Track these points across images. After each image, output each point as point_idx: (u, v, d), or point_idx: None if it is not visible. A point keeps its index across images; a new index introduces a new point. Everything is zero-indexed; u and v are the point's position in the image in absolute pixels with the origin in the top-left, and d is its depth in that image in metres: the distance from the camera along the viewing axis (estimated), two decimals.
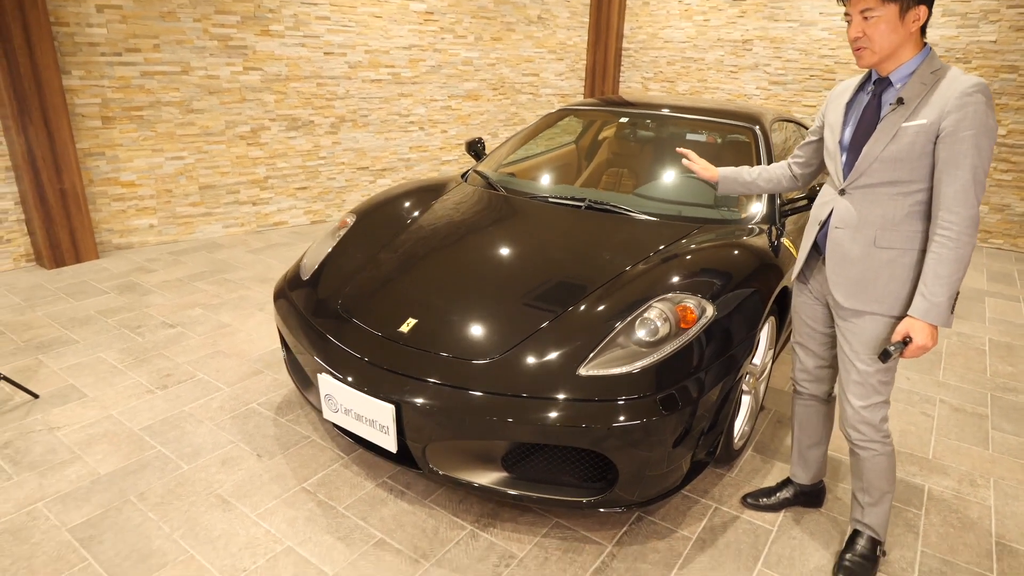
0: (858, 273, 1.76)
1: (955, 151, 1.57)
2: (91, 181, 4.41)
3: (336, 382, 2.06)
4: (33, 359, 3.06)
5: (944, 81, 1.60)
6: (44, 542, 1.98)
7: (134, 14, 4.27)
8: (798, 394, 2.15)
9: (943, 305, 1.63)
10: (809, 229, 1.93)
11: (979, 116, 1.55)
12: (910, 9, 1.59)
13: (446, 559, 1.98)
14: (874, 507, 1.96)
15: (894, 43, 1.63)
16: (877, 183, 1.70)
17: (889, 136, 1.65)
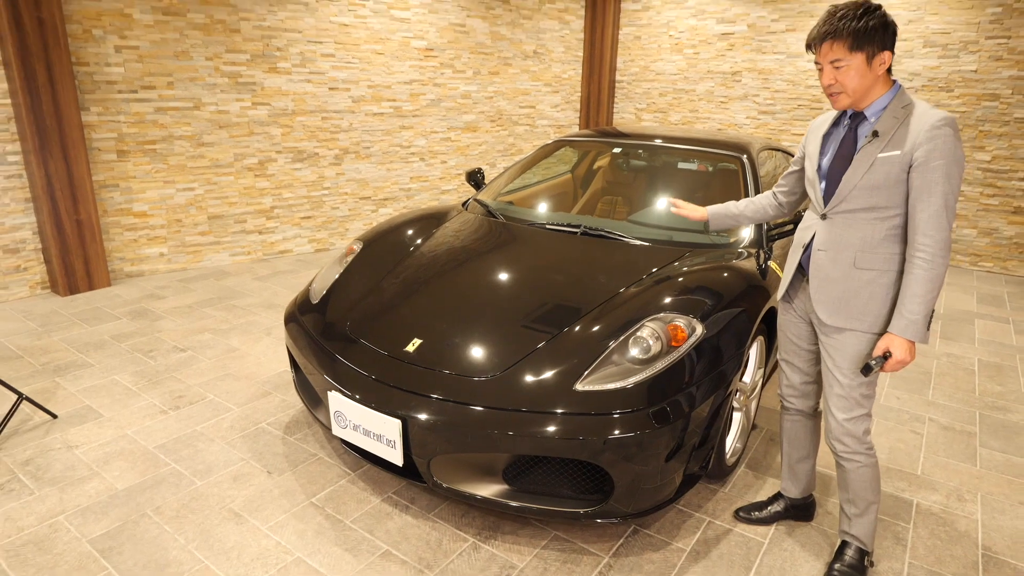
0: (839, 292, 1.88)
1: (927, 180, 1.70)
2: (105, 212, 4.56)
3: (345, 399, 2.17)
4: (51, 381, 3.17)
5: (914, 115, 1.74)
6: (66, 552, 2.07)
7: (150, 54, 4.48)
8: (785, 410, 2.25)
9: (920, 322, 1.75)
10: (793, 251, 2.05)
11: (948, 147, 1.68)
12: (876, 55, 1.73)
13: (449, 570, 2.07)
14: (860, 518, 2.05)
15: (865, 86, 1.77)
16: (856, 209, 1.82)
17: (866, 166, 1.78)
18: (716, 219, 2.35)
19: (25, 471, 2.48)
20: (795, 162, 2.15)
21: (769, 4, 6.39)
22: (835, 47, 1.74)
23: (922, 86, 5.71)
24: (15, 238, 4.23)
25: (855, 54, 1.73)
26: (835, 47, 1.74)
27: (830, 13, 1.75)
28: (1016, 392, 3.45)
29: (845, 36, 1.72)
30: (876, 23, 1.70)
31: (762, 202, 2.29)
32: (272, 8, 4.97)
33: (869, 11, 1.71)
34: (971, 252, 5.80)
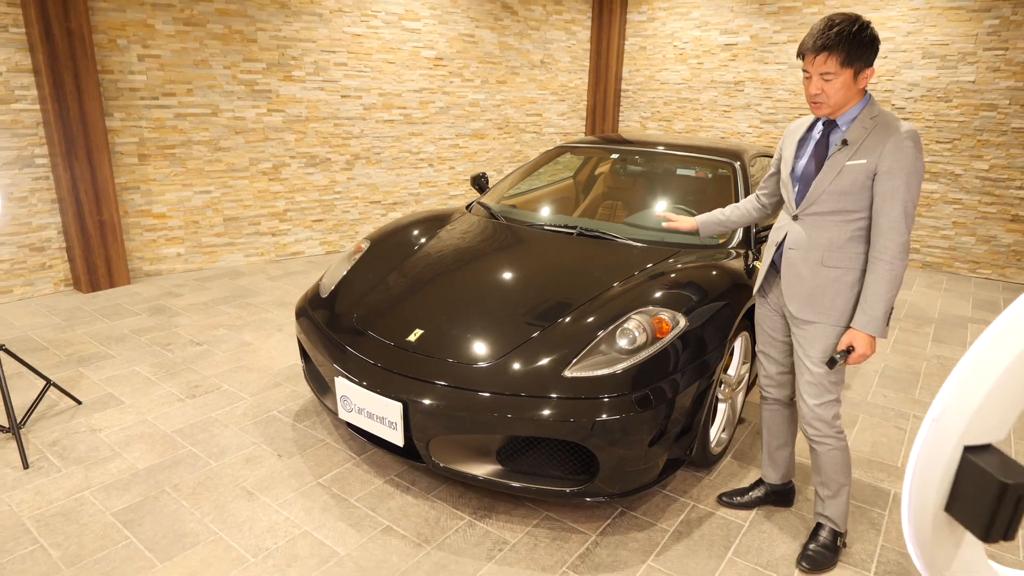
0: (808, 288, 2.01)
1: (890, 188, 1.83)
2: (126, 213, 4.77)
3: (351, 384, 2.32)
4: (75, 371, 3.36)
5: (881, 127, 1.85)
6: (91, 523, 2.23)
7: (171, 62, 4.70)
8: (764, 399, 2.38)
9: (880, 319, 1.89)
10: (768, 249, 2.19)
11: (909, 159, 1.81)
12: (862, 71, 1.84)
13: (446, 544, 2.21)
14: (833, 499, 2.17)
15: (847, 98, 1.88)
16: (825, 211, 1.95)
17: (835, 172, 1.90)
18: (705, 227, 2.46)
19: (52, 451, 2.66)
20: (773, 164, 2.26)
21: (771, 16, 6.54)
22: (828, 60, 1.82)
23: (921, 96, 5.82)
24: (41, 237, 4.44)
25: (845, 69, 1.82)
26: (828, 60, 1.82)
27: (827, 25, 1.81)
28: None
29: (840, 51, 1.79)
30: (868, 40, 1.80)
31: (747, 206, 2.41)
32: (288, 19, 5.18)
33: (863, 28, 1.80)
34: (969, 259, 5.88)
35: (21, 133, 4.22)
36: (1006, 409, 0.55)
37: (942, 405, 0.57)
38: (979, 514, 0.54)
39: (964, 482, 0.55)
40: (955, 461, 0.56)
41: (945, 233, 5.95)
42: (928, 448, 0.58)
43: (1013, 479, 0.52)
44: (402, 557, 2.14)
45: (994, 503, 0.53)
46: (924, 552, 0.63)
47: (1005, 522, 0.54)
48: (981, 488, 0.54)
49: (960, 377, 0.56)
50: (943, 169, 5.85)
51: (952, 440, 0.56)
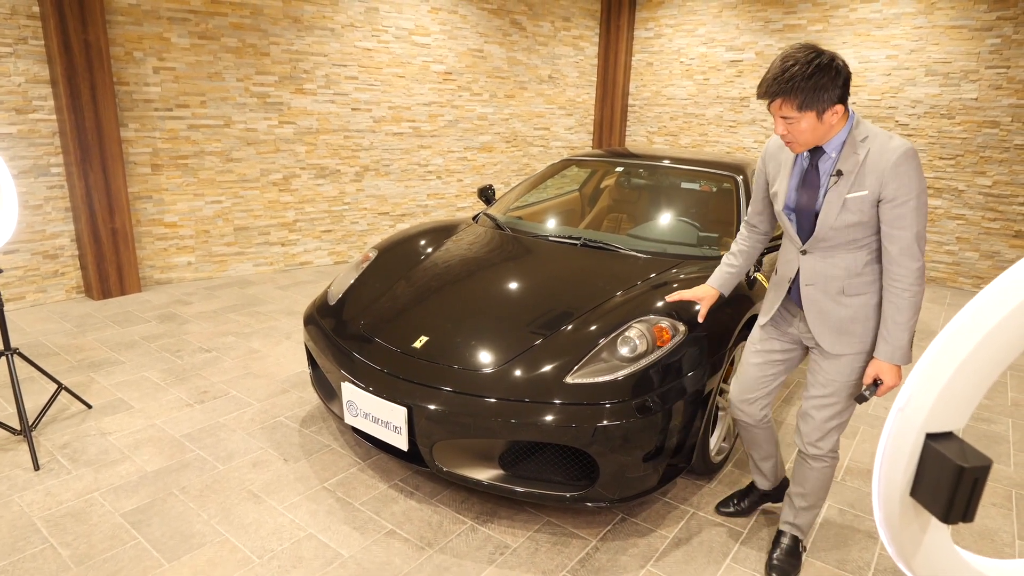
0: (837, 322, 1.91)
1: (897, 215, 1.73)
2: (139, 222, 4.86)
3: (357, 390, 2.37)
4: (86, 376, 3.42)
5: (875, 149, 1.74)
6: (101, 524, 2.28)
7: (185, 75, 4.81)
8: (739, 421, 2.26)
9: (905, 347, 1.81)
10: (779, 285, 2.05)
11: (913, 183, 1.71)
12: (826, 111, 1.71)
13: (448, 547, 2.24)
14: (807, 511, 2.18)
15: (818, 136, 1.77)
16: (836, 244, 1.86)
17: (838, 208, 1.80)
18: (726, 287, 2.27)
19: (63, 453, 2.71)
20: (758, 188, 2.13)
21: (776, 33, 6.62)
22: (784, 106, 1.72)
23: (924, 113, 5.87)
24: (55, 245, 4.53)
25: (805, 112, 1.71)
26: (784, 106, 1.72)
27: (780, 68, 1.69)
28: (1001, 405, 3.56)
29: (795, 96, 1.68)
30: (827, 81, 1.67)
31: (747, 246, 2.24)
32: (300, 33, 5.29)
33: (820, 67, 1.66)
34: (973, 275, 5.89)
35: (37, 143, 4.32)
36: (964, 399, 0.59)
37: (907, 396, 0.61)
38: (940, 497, 0.58)
39: (927, 468, 0.60)
40: (918, 448, 0.60)
41: (949, 248, 5.97)
42: (894, 436, 0.62)
43: (969, 463, 0.57)
44: (405, 560, 2.17)
45: (953, 486, 0.57)
46: (894, 536, 0.67)
47: (963, 504, 0.58)
48: (941, 472, 0.58)
49: (923, 370, 0.60)
50: (946, 185, 5.88)
51: (916, 428, 0.60)
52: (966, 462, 0.57)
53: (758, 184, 2.13)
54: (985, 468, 0.58)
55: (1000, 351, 0.58)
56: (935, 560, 0.66)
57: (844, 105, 1.74)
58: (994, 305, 0.57)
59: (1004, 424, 3.36)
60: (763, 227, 2.20)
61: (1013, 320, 0.56)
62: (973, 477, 0.57)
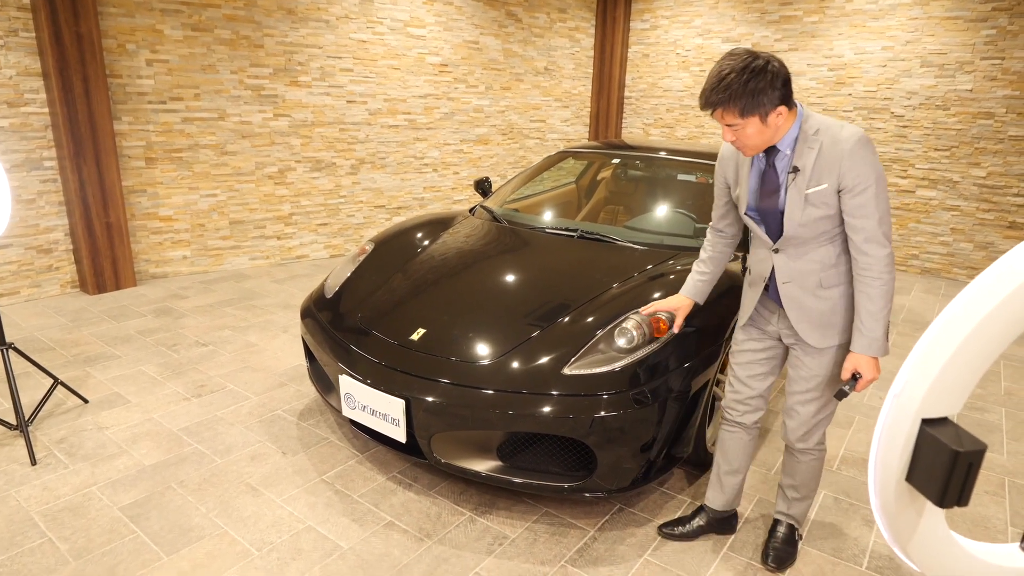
0: (819, 316, 1.91)
1: (858, 203, 1.74)
2: (133, 216, 4.84)
3: (355, 382, 2.37)
4: (82, 371, 3.41)
5: (827, 141, 1.74)
6: (99, 518, 2.28)
7: (179, 67, 4.77)
8: (726, 421, 2.23)
9: (880, 339, 1.80)
10: (754, 284, 2.04)
11: (869, 170, 1.71)
12: (769, 114, 1.71)
13: (447, 539, 2.25)
14: (800, 502, 2.19)
15: (767, 138, 1.76)
16: (806, 239, 1.85)
17: (801, 205, 1.80)
18: (701, 295, 2.25)
19: (60, 448, 2.71)
20: (719, 193, 2.12)
21: (772, 24, 6.60)
22: (726, 115, 1.73)
23: (920, 104, 5.88)
24: (48, 239, 4.51)
25: (748, 118, 1.71)
26: (726, 115, 1.73)
27: (716, 79, 1.70)
28: (996, 395, 3.58)
29: (733, 104, 1.69)
30: (764, 84, 1.67)
31: (717, 252, 2.21)
32: (294, 25, 5.26)
33: (755, 72, 1.67)
34: (968, 265, 5.92)
35: (30, 136, 4.29)
36: (959, 385, 0.60)
37: (902, 382, 0.62)
38: (935, 481, 0.59)
39: (922, 453, 0.60)
40: (914, 433, 0.61)
41: (943, 239, 5.99)
42: (890, 422, 0.63)
43: (964, 447, 0.57)
44: (404, 551, 2.18)
45: (948, 470, 0.58)
46: (890, 522, 0.67)
47: (958, 488, 0.59)
48: (936, 457, 0.58)
49: (918, 357, 0.61)
50: (941, 176, 5.90)
51: (911, 414, 0.60)
52: (961, 446, 0.57)
53: (718, 189, 2.11)
54: (980, 452, 0.59)
55: (994, 338, 0.59)
56: (930, 544, 0.67)
57: (788, 105, 1.74)
58: (988, 292, 0.58)
59: (997, 413, 3.38)
60: (729, 231, 2.18)
61: (1007, 307, 0.57)
62: (968, 461, 0.57)
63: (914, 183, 6.06)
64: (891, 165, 6.15)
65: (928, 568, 0.73)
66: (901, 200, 6.16)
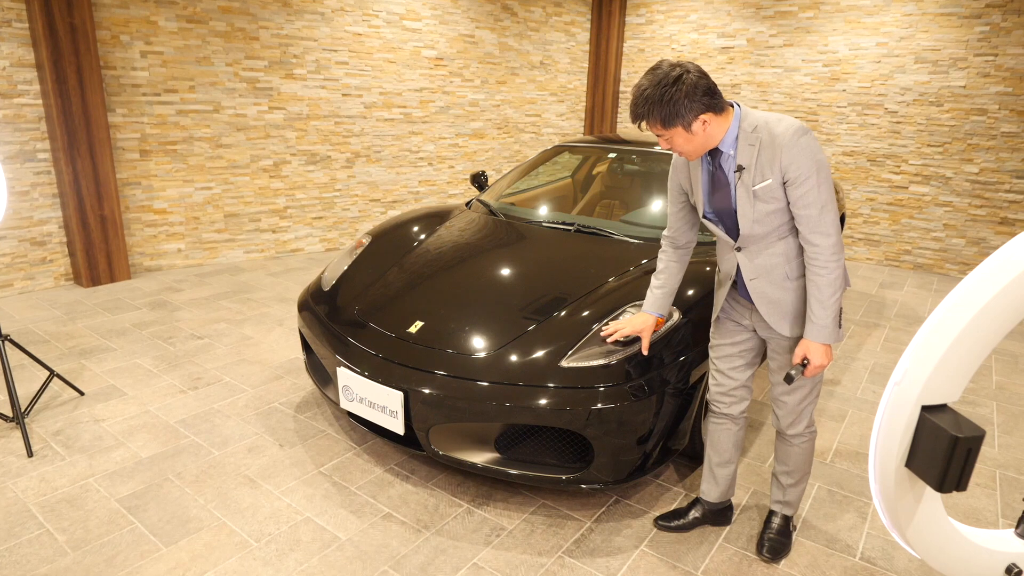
0: (788, 307, 1.95)
1: (800, 194, 1.77)
2: (127, 208, 4.81)
3: (353, 374, 2.38)
4: (77, 363, 3.40)
5: (766, 136, 1.77)
6: (97, 509, 2.28)
7: (173, 59, 4.74)
8: (713, 413, 2.24)
9: (830, 326, 1.84)
10: (722, 283, 2.08)
11: (809, 160, 1.74)
12: (692, 123, 1.76)
13: (445, 530, 2.26)
14: (795, 487, 2.22)
15: (698, 144, 1.81)
16: (765, 233, 1.88)
17: (751, 202, 1.84)
18: (663, 309, 2.23)
19: (56, 440, 2.70)
20: (673, 202, 2.13)
21: (767, 20, 6.62)
22: (651, 126, 1.79)
23: (913, 100, 5.91)
24: (42, 232, 4.48)
25: (671, 128, 1.77)
26: (651, 126, 1.79)
27: (637, 93, 1.75)
28: (987, 389, 3.63)
29: (654, 116, 1.75)
30: (680, 96, 1.71)
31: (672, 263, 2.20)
32: (290, 18, 5.23)
33: (668, 85, 1.71)
34: (959, 261, 5.97)
35: (23, 128, 4.26)
36: (958, 372, 0.61)
37: (903, 370, 0.63)
38: (934, 467, 0.60)
39: (922, 438, 0.62)
40: (914, 420, 0.62)
41: (936, 235, 6.04)
42: (890, 409, 0.64)
43: (964, 433, 0.59)
44: (402, 542, 2.19)
45: (947, 456, 0.59)
46: (889, 507, 0.69)
47: (957, 473, 0.60)
48: (936, 443, 0.60)
49: (918, 345, 0.62)
50: (934, 172, 5.94)
51: (911, 401, 0.62)
52: (960, 432, 0.59)
53: (672, 197, 2.13)
54: (978, 438, 0.60)
55: (994, 325, 0.60)
56: (929, 529, 0.68)
57: (714, 111, 1.77)
58: (989, 281, 0.59)
59: (989, 407, 3.42)
60: (683, 239, 2.18)
61: (1007, 295, 0.58)
62: (967, 447, 0.59)
63: (907, 179, 6.09)
64: (884, 161, 6.18)
65: (926, 553, 0.74)
66: (894, 196, 6.20)
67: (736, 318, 2.11)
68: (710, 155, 1.90)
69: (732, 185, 1.88)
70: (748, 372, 2.16)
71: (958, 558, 0.71)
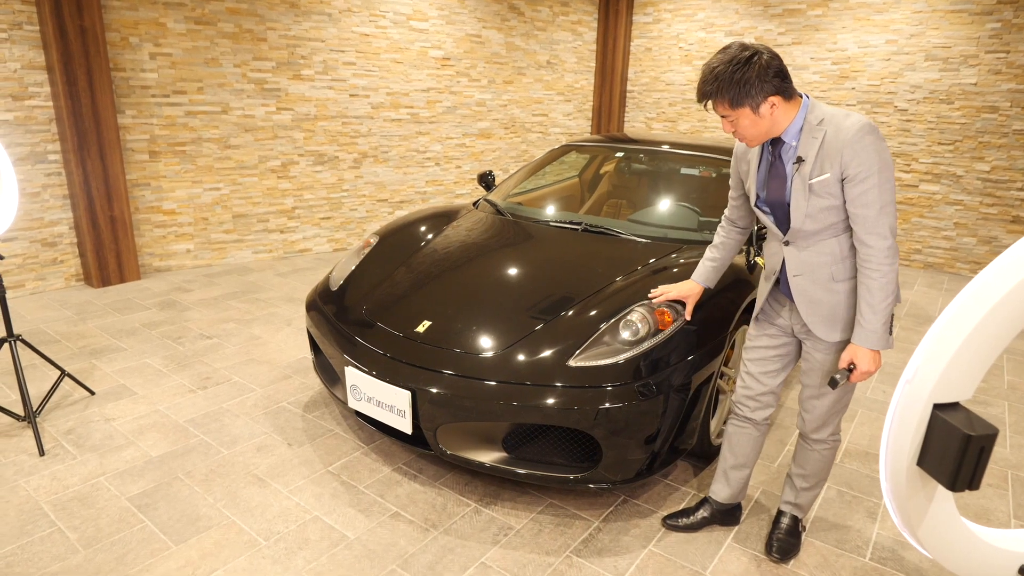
0: (829, 309, 1.90)
1: (859, 192, 1.73)
2: (137, 209, 4.85)
3: (361, 374, 2.39)
4: (88, 363, 3.43)
5: (831, 130, 1.75)
6: (108, 507, 2.30)
7: (182, 60, 4.77)
8: (736, 415, 2.22)
9: (880, 331, 1.79)
10: (767, 279, 2.06)
11: (873, 159, 1.70)
12: (761, 104, 1.73)
13: (452, 529, 2.27)
14: (808, 491, 2.20)
15: (763, 129, 1.78)
16: (816, 230, 1.85)
17: (806, 195, 1.81)
18: (709, 280, 2.30)
19: (68, 439, 2.72)
20: (733, 187, 2.15)
21: (776, 18, 6.58)
22: (718, 106, 1.76)
23: (924, 98, 5.86)
24: (53, 232, 4.52)
25: (739, 109, 1.74)
26: (718, 106, 1.76)
27: (707, 71, 1.74)
28: (998, 388, 3.59)
29: (723, 95, 1.72)
30: (752, 75, 1.69)
31: (729, 239, 2.25)
32: (297, 19, 5.25)
33: (742, 64, 1.69)
34: (971, 260, 5.92)
35: (34, 129, 4.30)
36: (971, 370, 0.60)
37: (914, 368, 0.63)
38: (946, 465, 0.60)
39: (934, 437, 0.61)
40: (926, 418, 0.61)
41: (947, 234, 5.99)
42: (902, 407, 0.64)
43: (976, 431, 0.58)
44: (410, 541, 2.20)
45: (959, 454, 0.58)
46: (900, 507, 0.68)
47: (969, 471, 0.60)
48: (948, 441, 0.59)
49: (930, 343, 0.62)
50: (945, 171, 5.89)
51: (923, 399, 0.61)
52: (973, 431, 0.58)
53: (733, 182, 2.16)
54: (991, 436, 0.60)
55: (1007, 323, 0.59)
56: (941, 529, 0.67)
57: (783, 96, 1.75)
58: (1002, 278, 0.58)
59: (1000, 407, 3.39)
60: (741, 222, 2.22)
61: (1019, 292, 0.57)
62: (980, 445, 0.58)
63: (917, 177, 6.05)
64: (895, 160, 6.14)
65: (938, 552, 0.74)
66: (905, 195, 6.15)
67: (773, 318, 2.09)
68: (771, 144, 1.87)
69: (789, 177, 1.85)
70: (779, 378, 2.14)
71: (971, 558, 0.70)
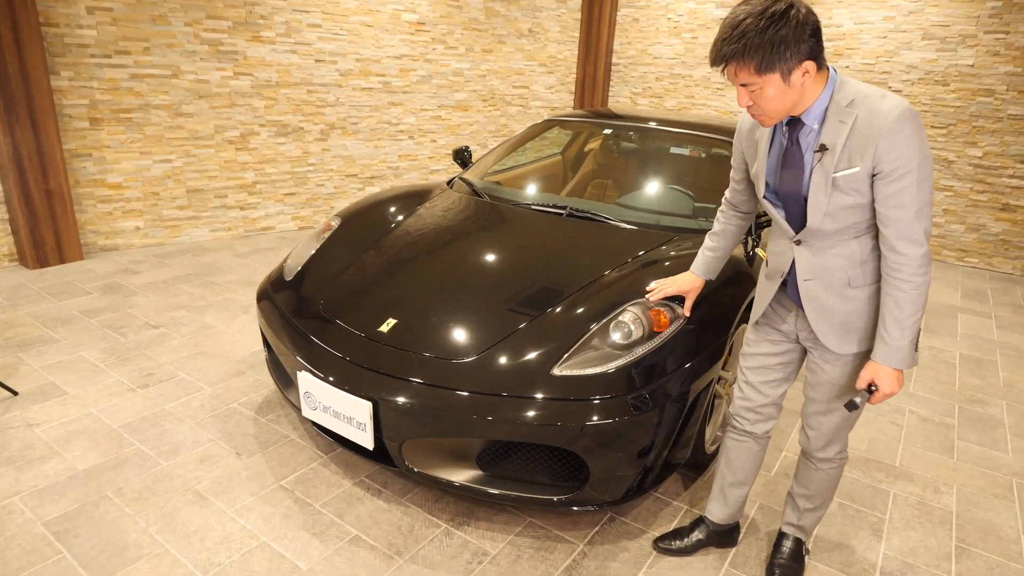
0: (843, 319, 1.65)
1: (894, 191, 1.44)
2: (77, 182, 4.41)
3: (315, 380, 2.09)
4: (13, 357, 3.06)
5: (863, 114, 1.44)
6: (19, 535, 1.99)
7: (124, 16, 4.31)
8: (734, 429, 2.00)
9: (906, 349, 1.53)
10: (770, 279, 1.78)
11: (912, 150, 1.41)
12: (794, 71, 1.42)
13: (420, 556, 2.01)
14: (812, 512, 1.98)
15: (790, 103, 1.47)
16: (834, 231, 1.57)
17: (827, 190, 1.51)
18: (711, 272, 2.06)
19: None
20: (736, 167, 1.86)
21: None
22: (740, 71, 1.43)
23: (919, 79, 5.65)
24: None
25: (767, 75, 1.41)
26: (740, 71, 1.43)
27: (730, 25, 1.40)
28: (995, 386, 3.44)
29: (749, 57, 1.39)
30: (786, 32, 1.36)
31: (730, 228, 1.99)
32: None
33: (775, 18, 1.36)
34: (958, 247, 5.79)
35: None
36: None
37: None
38: None
39: None
40: None
41: (935, 220, 5.84)
42: None
43: None
44: (371, 572, 1.93)
45: None
46: None
47: None
48: None
49: None
50: (937, 155, 5.71)
51: None
52: None
53: (735, 163, 1.86)
54: None
55: None
56: None
57: (817, 62, 1.43)
58: None
59: (998, 407, 3.24)
60: (744, 207, 1.94)
61: None
62: None
63: None
64: None
65: None
66: None
67: (776, 323, 1.82)
68: (787, 125, 1.55)
69: (808, 167, 1.54)
70: (781, 389, 1.89)
71: None
